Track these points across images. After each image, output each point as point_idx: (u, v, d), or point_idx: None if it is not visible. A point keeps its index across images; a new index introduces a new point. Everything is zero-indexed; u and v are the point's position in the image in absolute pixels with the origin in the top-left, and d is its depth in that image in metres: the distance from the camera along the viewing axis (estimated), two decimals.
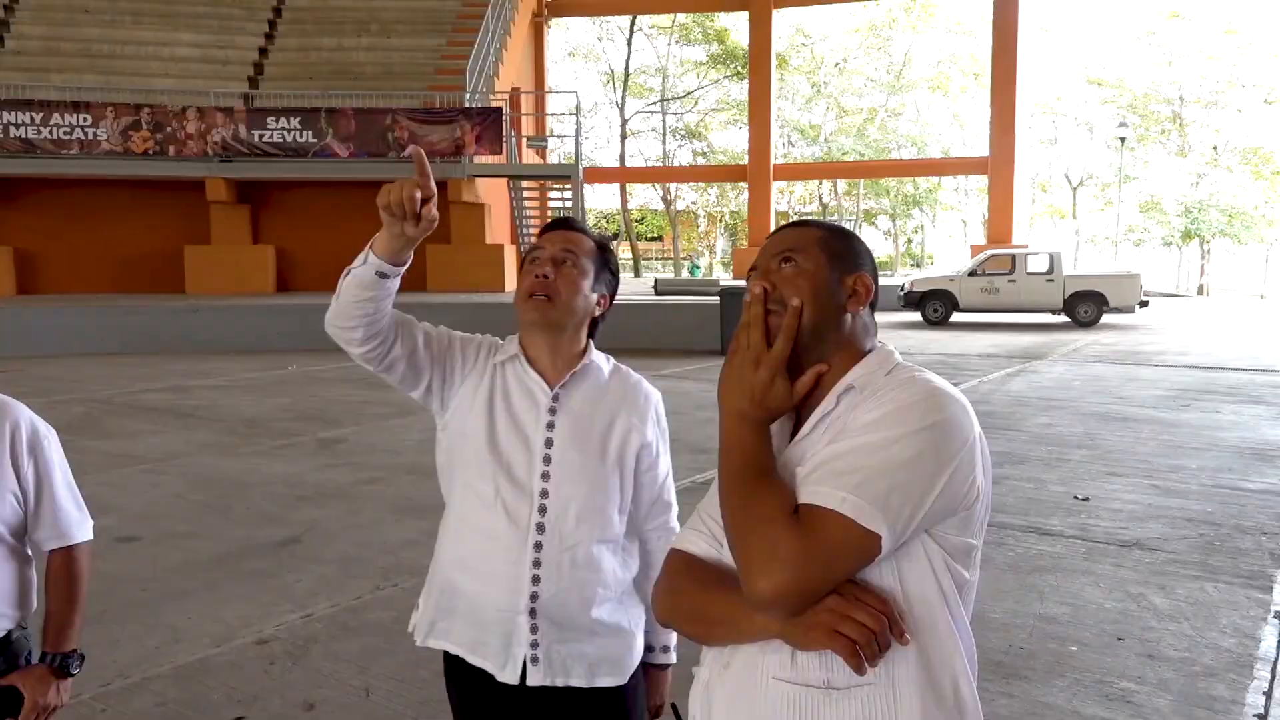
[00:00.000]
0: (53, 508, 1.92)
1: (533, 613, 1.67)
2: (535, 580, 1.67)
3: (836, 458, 1.11)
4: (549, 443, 1.71)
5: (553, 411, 1.72)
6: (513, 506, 1.69)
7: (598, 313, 1.79)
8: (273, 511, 5.62)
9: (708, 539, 1.26)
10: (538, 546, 1.68)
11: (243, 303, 16.02)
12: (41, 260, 19.44)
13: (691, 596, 1.22)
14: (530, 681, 1.69)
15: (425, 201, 1.52)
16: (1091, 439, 7.57)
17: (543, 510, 1.69)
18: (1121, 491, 5.95)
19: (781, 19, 30.25)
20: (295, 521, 5.40)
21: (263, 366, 12.43)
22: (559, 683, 1.70)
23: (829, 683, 1.10)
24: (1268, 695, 3.26)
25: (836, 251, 1.25)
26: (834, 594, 1.07)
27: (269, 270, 19.74)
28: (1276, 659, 3.54)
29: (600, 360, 1.81)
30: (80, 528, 1.97)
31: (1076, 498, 5.80)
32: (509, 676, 1.69)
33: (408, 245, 1.58)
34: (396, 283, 1.63)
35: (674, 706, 1.85)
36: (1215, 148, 39.75)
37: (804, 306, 1.19)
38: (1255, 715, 3.13)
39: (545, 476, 1.70)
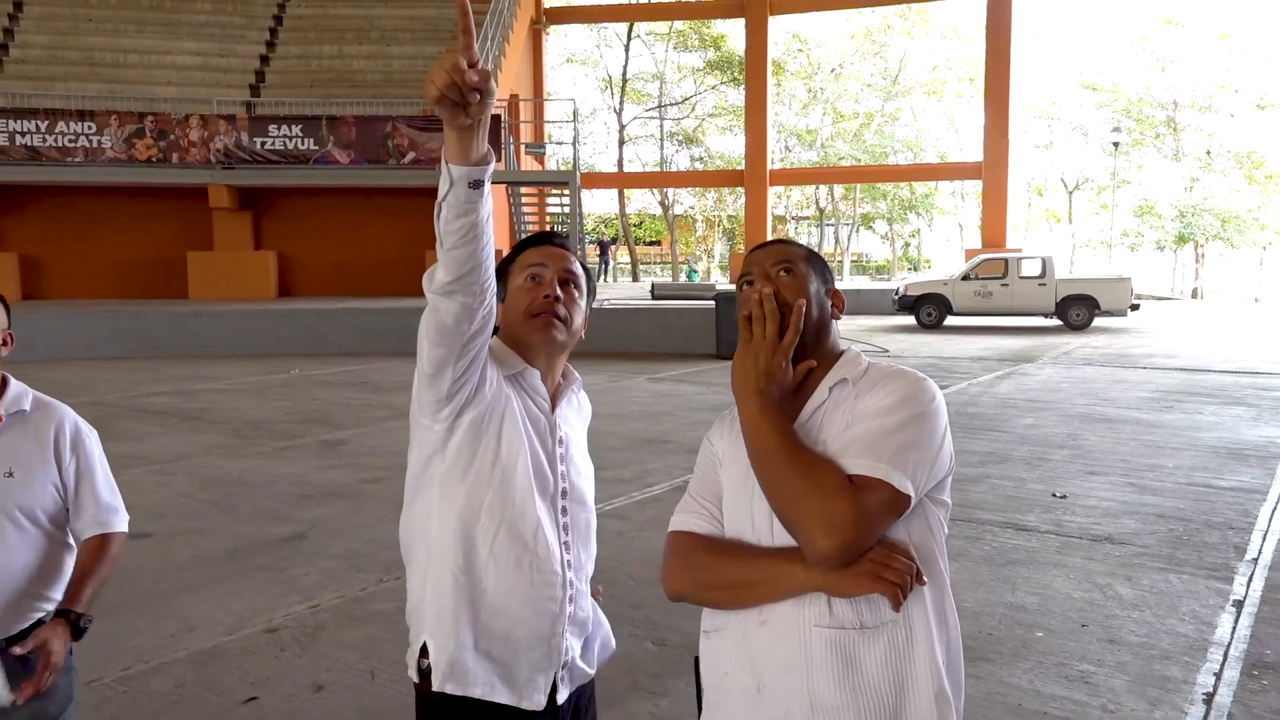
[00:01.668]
0: (93, 499, 2.12)
1: (564, 633, 1.70)
2: (570, 600, 1.69)
3: (864, 436, 1.34)
4: (562, 458, 1.71)
5: (557, 426, 1.73)
6: (551, 529, 1.67)
7: (583, 334, 1.78)
8: (278, 510, 5.82)
9: (707, 519, 1.48)
10: (568, 565, 1.69)
11: (245, 308, 16.22)
12: (46, 266, 19.69)
13: (717, 569, 1.42)
14: (560, 699, 1.68)
15: (474, 68, 1.25)
16: (1074, 439, 7.77)
17: (566, 529, 1.70)
18: (1098, 489, 6.15)
19: (778, 25, 30.52)
20: (300, 519, 5.60)
21: (265, 370, 12.62)
22: (579, 685, 1.73)
23: (861, 624, 1.32)
24: (1217, 676, 3.46)
25: (820, 269, 1.54)
26: (872, 548, 1.31)
27: (271, 276, 19.96)
28: (1229, 643, 3.75)
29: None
30: (117, 518, 2.16)
31: (1054, 495, 6.01)
32: (537, 703, 1.66)
33: (474, 135, 1.32)
34: (490, 197, 1.40)
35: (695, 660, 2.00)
36: (1209, 152, 39.93)
37: (807, 308, 1.44)
38: (1203, 694, 3.33)
39: (564, 494, 1.71)
